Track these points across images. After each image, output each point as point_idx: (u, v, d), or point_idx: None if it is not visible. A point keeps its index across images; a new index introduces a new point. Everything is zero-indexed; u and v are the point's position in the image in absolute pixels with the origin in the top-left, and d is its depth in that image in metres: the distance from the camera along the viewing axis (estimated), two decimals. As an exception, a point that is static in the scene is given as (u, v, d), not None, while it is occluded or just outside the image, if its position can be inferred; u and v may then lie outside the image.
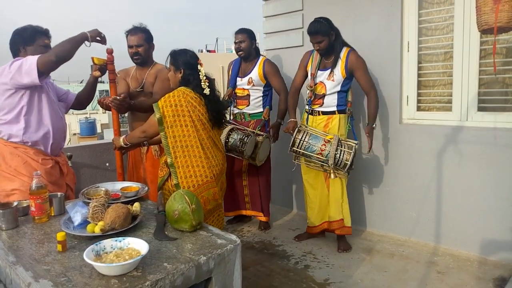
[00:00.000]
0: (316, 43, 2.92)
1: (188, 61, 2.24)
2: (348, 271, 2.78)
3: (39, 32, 2.36)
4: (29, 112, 2.26)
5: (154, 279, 1.26)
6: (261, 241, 3.35)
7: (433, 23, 3.08)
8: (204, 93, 2.21)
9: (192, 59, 2.26)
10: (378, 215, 3.44)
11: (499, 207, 2.80)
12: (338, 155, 2.81)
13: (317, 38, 2.90)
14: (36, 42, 2.33)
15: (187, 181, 2.14)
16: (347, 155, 2.81)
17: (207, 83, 2.23)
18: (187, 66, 2.23)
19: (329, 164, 2.82)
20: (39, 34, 2.36)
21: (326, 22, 2.91)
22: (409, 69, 3.19)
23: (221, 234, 1.63)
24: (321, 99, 3.06)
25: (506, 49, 2.84)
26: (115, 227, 1.58)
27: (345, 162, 2.81)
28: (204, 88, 2.21)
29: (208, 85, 2.23)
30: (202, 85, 2.21)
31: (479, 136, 2.85)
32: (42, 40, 2.35)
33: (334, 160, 2.80)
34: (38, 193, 1.75)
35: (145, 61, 2.84)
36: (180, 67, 2.25)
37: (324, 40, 2.90)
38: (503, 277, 2.60)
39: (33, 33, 2.34)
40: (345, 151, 2.82)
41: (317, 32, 2.88)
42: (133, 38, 2.78)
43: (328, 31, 2.90)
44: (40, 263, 1.38)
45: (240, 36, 3.38)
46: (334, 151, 2.80)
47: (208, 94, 2.22)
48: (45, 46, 2.35)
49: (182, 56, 2.26)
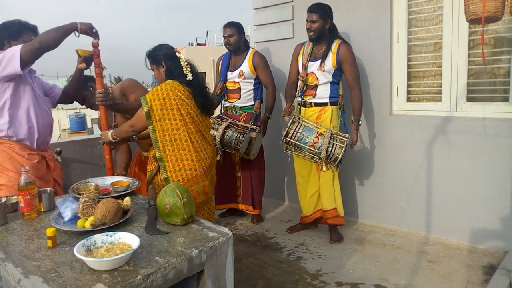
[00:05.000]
0: (310, 21, 2.95)
1: (165, 53, 2.26)
2: (340, 261, 2.81)
3: (26, 28, 2.31)
4: (14, 106, 2.22)
5: (145, 273, 1.25)
6: (254, 234, 3.36)
7: (422, 14, 3.09)
8: (188, 79, 2.20)
9: (169, 50, 2.27)
10: (369, 205, 3.47)
11: (488, 196, 2.83)
12: (330, 148, 2.82)
13: (313, 17, 2.93)
14: (22, 37, 2.27)
15: (177, 175, 2.13)
16: (339, 149, 2.83)
17: (189, 69, 2.23)
18: (166, 57, 2.25)
19: (321, 157, 2.83)
20: (26, 30, 2.30)
21: (327, 7, 2.97)
22: (399, 60, 3.20)
23: (213, 227, 1.63)
24: (313, 89, 3.07)
25: (494, 40, 2.86)
26: (106, 221, 1.57)
27: (337, 155, 2.83)
28: (187, 74, 2.20)
29: (190, 70, 2.23)
30: (184, 71, 2.21)
31: (469, 126, 2.88)
32: (28, 36, 2.29)
33: (326, 153, 2.81)
34: (27, 189, 1.73)
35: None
36: (160, 61, 2.27)
37: (318, 22, 2.93)
38: (492, 264, 2.65)
39: (20, 28, 2.29)
40: (337, 145, 2.84)
41: (315, 11, 2.93)
42: None
43: (326, 16, 2.94)
44: (30, 259, 1.37)
45: (228, 30, 3.37)
46: (326, 144, 2.81)
47: (192, 79, 2.21)
48: None
49: (158, 51, 2.28)
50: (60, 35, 2.13)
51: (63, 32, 2.14)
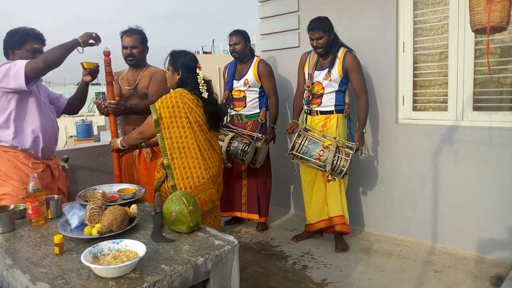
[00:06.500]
0: (315, 39, 2.94)
1: (187, 63, 2.23)
2: (346, 271, 2.79)
3: (30, 35, 2.28)
4: (19, 117, 2.21)
5: (151, 281, 1.26)
6: (259, 242, 3.36)
7: (428, 24, 3.10)
8: (203, 96, 2.20)
9: (191, 62, 2.24)
10: (375, 215, 3.45)
11: (495, 206, 2.81)
12: (336, 161, 2.83)
13: (317, 34, 2.92)
14: (24, 46, 2.26)
15: (184, 182, 2.14)
16: (344, 161, 2.83)
17: (205, 87, 2.22)
18: (185, 68, 2.22)
19: (326, 169, 2.84)
20: (29, 38, 2.27)
21: (327, 20, 2.97)
22: (405, 70, 3.20)
23: (218, 235, 1.64)
24: (319, 98, 3.08)
25: (500, 49, 2.86)
26: (113, 229, 1.58)
27: (342, 168, 2.82)
28: (203, 92, 2.20)
29: (206, 89, 2.22)
30: (200, 88, 2.20)
31: (475, 135, 2.87)
32: (31, 45, 2.27)
33: (332, 166, 2.82)
34: (35, 196, 1.75)
35: (139, 63, 2.84)
36: (178, 68, 2.24)
37: (324, 37, 2.93)
38: (499, 275, 2.62)
39: (23, 37, 2.26)
40: (343, 157, 2.83)
41: (318, 28, 2.92)
42: (128, 39, 2.78)
43: (328, 29, 2.94)
44: (37, 265, 1.38)
45: (234, 38, 3.40)
46: (332, 157, 2.81)
47: (206, 97, 2.21)
48: (34, 51, 2.27)
49: (181, 57, 2.25)
50: (64, 52, 2.15)
51: (66, 50, 2.16)
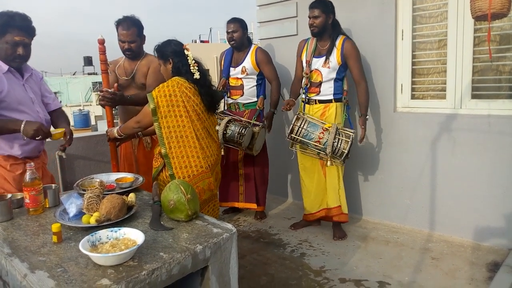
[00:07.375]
0: (312, 17, 2.94)
1: (174, 49, 2.24)
2: (344, 258, 2.81)
3: (10, 25, 1.99)
4: None
5: (150, 269, 1.26)
6: (257, 230, 3.37)
7: (427, 11, 3.07)
8: (195, 78, 2.19)
9: (177, 47, 2.25)
10: (373, 203, 3.47)
11: (493, 194, 2.82)
12: (336, 143, 2.82)
13: (315, 13, 2.92)
14: (4, 37, 2.00)
15: (182, 171, 2.14)
16: (345, 143, 2.82)
17: (196, 67, 2.22)
18: (174, 54, 2.23)
19: (327, 152, 2.83)
20: (11, 28, 1.99)
21: (329, 2, 2.96)
22: (403, 57, 3.18)
23: (217, 223, 1.64)
24: (317, 87, 3.06)
25: (500, 36, 2.84)
26: (111, 217, 1.58)
27: (343, 150, 2.82)
28: (194, 73, 2.20)
29: (198, 69, 2.22)
30: (191, 69, 2.20)
31: (473, 123, 2.86)
32: (12, 36, 1.99)
33: (332, 148, 2.81)
34: (32, 185, 1.74)
35: (136, 55, 2.81)
36: (168, 57, 2.25)
37: (320, 17, 2.92)
38: (496, 262, 2.64)
39: (3, 26, 1.98)
40: (343, 139, 2.83)
41: (317, 7, 2.91)
42: (125, 33, 2.70)
43: (328, 11, 2.93)
44: (35, 254, 1.38)
45: (232, 26, 3.36)
46: (332, 139, 2.80)
47: (199, 78, 2.21)
48: (14, 44, 2.00)
49: (167, 46, 2.26)
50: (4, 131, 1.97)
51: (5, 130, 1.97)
